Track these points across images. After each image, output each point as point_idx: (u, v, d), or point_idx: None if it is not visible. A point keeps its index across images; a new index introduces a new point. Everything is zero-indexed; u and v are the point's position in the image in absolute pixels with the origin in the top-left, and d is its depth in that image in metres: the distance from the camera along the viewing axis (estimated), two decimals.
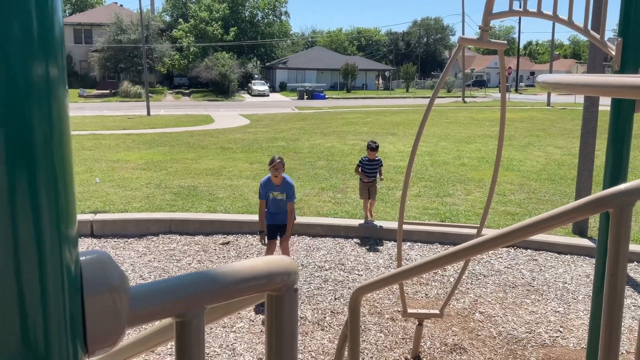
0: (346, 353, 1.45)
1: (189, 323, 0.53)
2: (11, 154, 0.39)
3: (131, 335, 1.09)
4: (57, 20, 0.42)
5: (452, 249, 1.13)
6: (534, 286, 5.72)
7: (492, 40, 3.82)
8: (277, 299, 0.59)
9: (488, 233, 4.78)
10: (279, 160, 5.38)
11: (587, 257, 6.44)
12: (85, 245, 6.88)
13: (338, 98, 49.46)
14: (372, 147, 7.35)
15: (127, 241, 6.94)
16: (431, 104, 3.78)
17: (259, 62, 63.17)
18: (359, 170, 7.48)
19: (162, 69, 56.38)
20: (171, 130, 19.72)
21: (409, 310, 4.21)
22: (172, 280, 0.54)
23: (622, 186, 0.97)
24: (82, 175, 10.37)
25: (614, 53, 2.93)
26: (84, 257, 0.48)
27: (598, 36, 3.15)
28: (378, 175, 7.44)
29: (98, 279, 0.47)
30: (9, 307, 0.40)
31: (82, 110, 30.12)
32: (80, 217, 7.32)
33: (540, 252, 6.66)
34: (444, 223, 7.20)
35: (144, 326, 0.61)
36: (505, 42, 4.00)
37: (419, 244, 6.89)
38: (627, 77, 2.12)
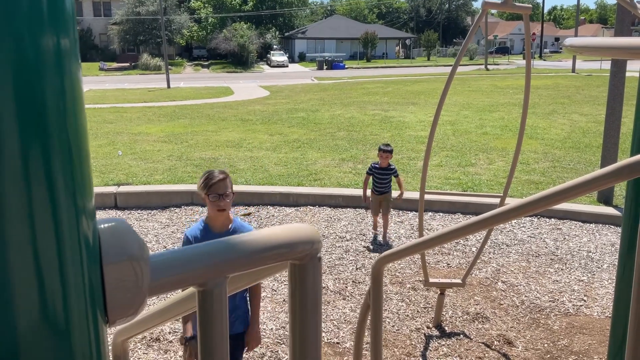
0: (368, 322, 1.45)
1: (210, 292, 0.52)
2: (24, 128, 0.39)
3: (155, 303, 1.10)
4: None
5: (475, 217, 1.11)
6: (557, 255, 5.67)
7: (517, 4, 3.71)
8: (300, 268, 0.58)
9: (511, 202, 4.71)
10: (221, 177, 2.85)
11: (612, 226, 6.34)
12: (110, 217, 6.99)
13: (358, 68, 48.91)
14: (385, 151, 5.85)
15: (150, 213, 7.04)
16: (453, 72, 3.70)
17: (277, 33, 62.60)
18: (368, 181, 6.07)
19: (180, 40, 56.25)
20: (191, 103, 19.76)
21: (431, 280, 4.21)
22: (193, 248, 0.53)
23: None
24: (104, 148, 10.49)
25: None
26: (102, 226, 0.48)
27: None
28: (392, 190, 6.03)
29: (117, 248, 0.47)
30: (27, 278, 0.40)
31: (103, 84, 30.32)
32: (104, 189, 7.42)
33: (565, 220, 6.58)
34: (466, 192, 7.15)
35: (167, 295, 0.61)
36: (530, 6, 3.87)
37: (441, 214, 6.85)
38: None
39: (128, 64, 48.04)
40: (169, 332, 4.21)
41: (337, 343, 4.09)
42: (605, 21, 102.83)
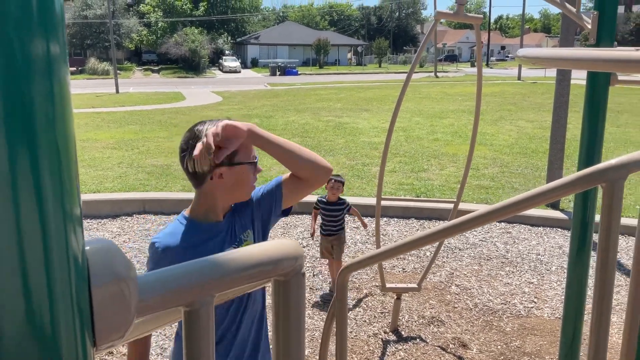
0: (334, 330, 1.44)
1: (197, 312, 0.51)
2: (11, 133, 0.37)
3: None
4: None
5: (444, 224, 1.12)
6: (508, 258, 5.83)
7: (468, 14, 3.81)
8: (284, 284, 0.58)
9: (464, 207, 4.80)
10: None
11: (560, 229, 6.58)
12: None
13: (311, 74, 49.14)
14: (336, 182, 4.62)
15: (100, 222, 6.83)
16: (408, 79, 3.76)
17: (229, 38, 62.19)
18: (316, 218, 4.99)
19: (129, 45, 55.14)
20: (141, 108, 19.35)
21: (388, 285, 4.25)
22: (180, 267, 0.52)
23: (613, 161, 0.97)
24: None
25: (589, 27, 2.95)
26: (88, 247, 0.46)
27: (574, 9, 3.15)
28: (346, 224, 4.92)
29: (105, 269, 0.45)
30: (15, 298, 0.37)
31: None
32: None
33: (514, 224, 6.78)
34: (421, 198, 7.27)
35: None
36: (481, 16, 3.99)
37: (395, 219, 6.94)
38: (604, 50, 2.13)
39: (75, 69, 46.66)
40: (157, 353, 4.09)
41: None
42: (549, 30, 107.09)
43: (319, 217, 4.93)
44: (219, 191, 1.75)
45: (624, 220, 6.56)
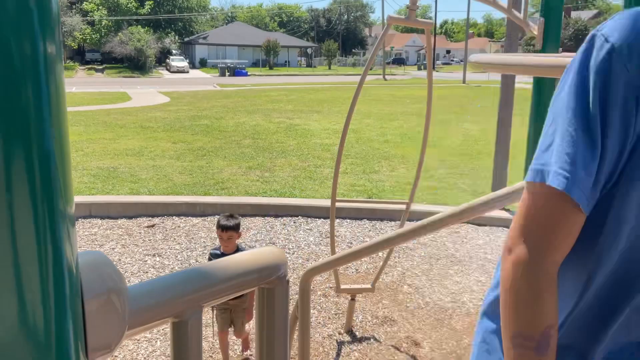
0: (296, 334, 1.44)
1: (186, 323, 0.50)
2: (6, 133, 0.35)
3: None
4: None
5: (408, 227, 1.15)
6: (457, 257, 5.97)
7: (419, 19, 3.89)
8: (268, 292, 0.57)
9: (415, 208, 4.89)
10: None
11: (505, 228, 6.79)
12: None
13: (261, 75, 48.90)
14: (227, 228, 3.53)
15: None
16: (362, 82, 3.80)
17: (177, 37, 61.10)
18: None
19: (72, 43, 53.29)
20: (85, 109, 18.74)
21: (342, 286, 4.28)
22: (168, 278, 0.51)
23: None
24: None
25: (535, 32, 3.06)
26: (80, 259, 0.44)
27: (521, 16, 3.28)
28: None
29: (97, 281, 0.44)
30: (9, 309, 0.36)
31: None
32: None
33: (462, 224, 6.95)
34: (373, 200, 7.35)
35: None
36: (432, 21, 4.07)
37: (348, 220, 6.99)
38: (552, 56, 2.22)
39: None
40: None
41: (252, 355, 4.04)
42: (492, 35, 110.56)
43: None
44: None
45: None
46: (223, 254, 3.53)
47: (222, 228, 3.60)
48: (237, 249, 3.62)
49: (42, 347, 0.37)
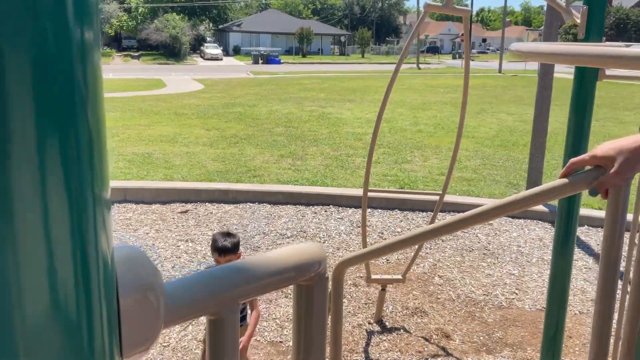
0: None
1: (222, 320, 0.49)
2: (45, 120, 0.35)
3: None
4: None
5: (445, 220, 1.12)
6: (489, 250, 5.88)
7: (457, 6, 3.81)
8: (307, 289, 0.56)
9: (447, 200, 4.82)
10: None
11: (540, 222, 6.66)
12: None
13: (294, 63, 48.87)
14: (225, 251, 3.01)
15: None
16: (397, 70, 3.75)
17: (211, 25, 61.50)
18: None
19: (109, 30, 54.22)
20: (121, 95, 19.06)
21: (373, 276, 4.26)
22: (205, 275, 0.50)
23: None
24: None
25: (578, 21, 2.96)
26: (116, 254, 0.43)
27: (563, 3, 3.17)
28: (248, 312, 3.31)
29: (133, 277, 0.43)
30: (42, 307, 0.35)
31: None
32: None
33: None
34: (405, 190, 7.29)
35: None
36: (470, 9, 3.99)
37: (379, 210, 6.95)
38: (594, 45, 2.14)
39: None
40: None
41: (280, 342, 4.07)
42: (530, 23, 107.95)
43: None
44: None
45: (583, 211, 6.67)
46: None
47: (219, 252, 3.00)
48: None
49: (75, 344, 0.36)
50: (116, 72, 32.50)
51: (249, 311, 3.25)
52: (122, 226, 6.23)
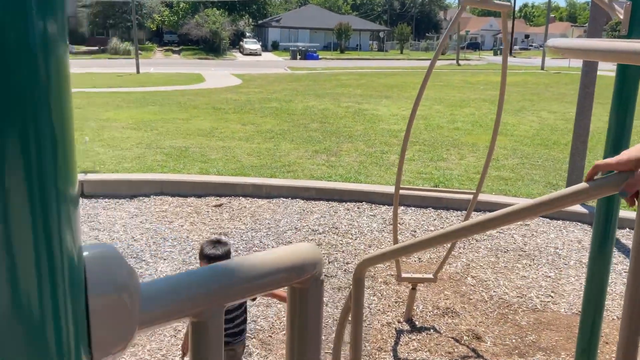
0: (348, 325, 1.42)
1: (205, 323, 0.48)
2: (4, 116, 0.34)
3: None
4: None
5: (469, 221, 1.08)
6: (525, 251, 5.75)
7: (496, 1, 3.71)
8: (301, 292, 0.54)
9: (483, 199, 4.72)
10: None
11: (579, 223, 6.47)
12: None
13: (332, 59, 48.82)
14: (214, 258, 2.76)
15: (118, 202, 6.88)
16: (432, 67, 3.69)
17: (250, 20, 61.98)
18: None
19: (151, 25, 55.28)
20: (161, 89, 19.41)
21: (404, 275, 4.22)
22: (187, 275, 0.49)
23: None
24: None
25: (621, 17, 2.85)
26: (87, 252, 0.42)
27: None
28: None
29: (104, 276, 0.41)
30: (5, 307, 0.34)
31: (70, 68, 29.45)
32: None
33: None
34: (439, 189, 7.19)
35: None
36: (509, 3, 3.89)
37: (413, 208, 6.88)
38: (635, 42, 2.05)
39: (97, 48, 46.96)
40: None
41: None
42: (575, 19, 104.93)
43: None
44: None
45: (623, 214, 6.43)
46: None
47: (208, 259, 2.76)
48: None
49: (39, 343, 0.35)
50: (157, 66, 33.12)
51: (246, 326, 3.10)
52: (157, 218, 6.34)
